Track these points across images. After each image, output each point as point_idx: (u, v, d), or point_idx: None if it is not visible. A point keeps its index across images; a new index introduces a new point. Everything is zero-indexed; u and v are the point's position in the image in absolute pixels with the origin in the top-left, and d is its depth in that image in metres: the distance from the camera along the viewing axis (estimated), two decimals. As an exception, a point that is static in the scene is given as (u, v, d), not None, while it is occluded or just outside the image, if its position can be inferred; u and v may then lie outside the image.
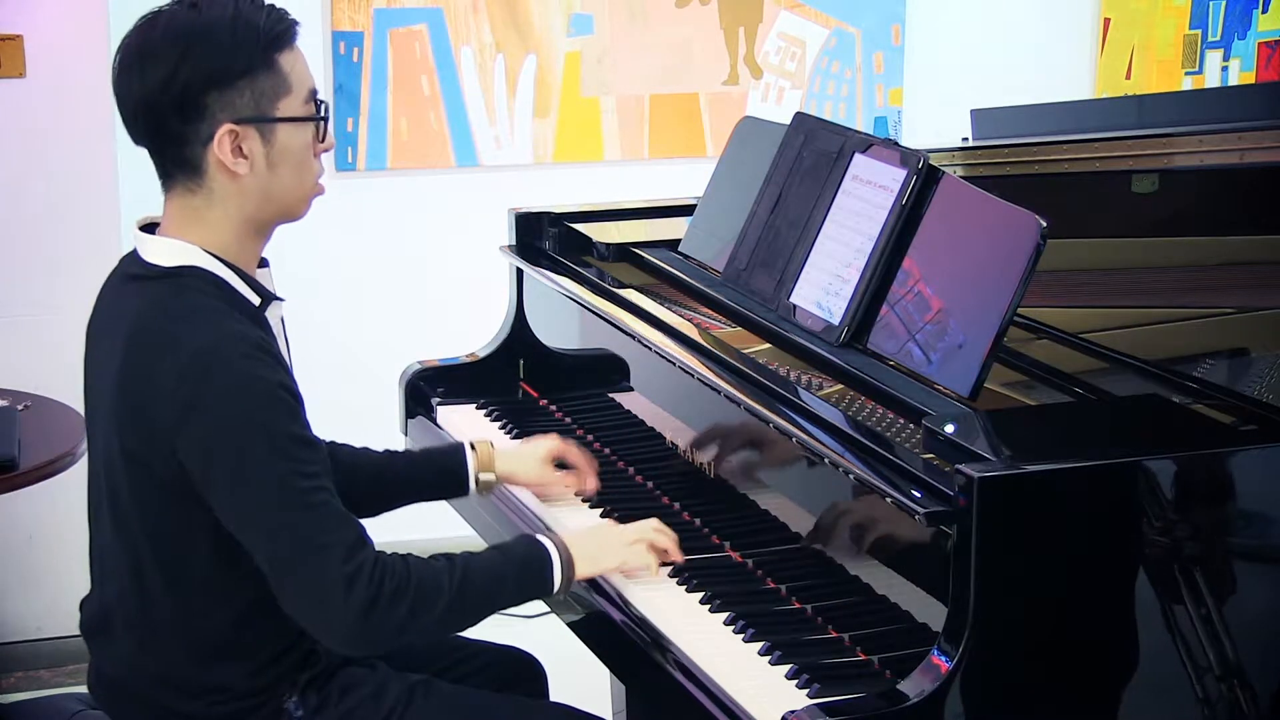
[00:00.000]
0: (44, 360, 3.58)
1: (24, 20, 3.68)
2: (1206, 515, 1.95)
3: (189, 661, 2.10)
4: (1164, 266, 2.82)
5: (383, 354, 3.60)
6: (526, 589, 2.17)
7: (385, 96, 4.17)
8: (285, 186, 2.09)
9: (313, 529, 1.98)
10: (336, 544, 1.99)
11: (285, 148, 2.07)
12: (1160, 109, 3.36)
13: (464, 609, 2.09)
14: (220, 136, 2.02)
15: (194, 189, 2.07)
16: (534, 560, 2.17)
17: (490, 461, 2.48)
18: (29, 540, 3.89)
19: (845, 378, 2.27)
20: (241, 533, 2.01)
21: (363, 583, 1.98)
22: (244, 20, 2.02)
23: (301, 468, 1.99)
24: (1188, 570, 1.93)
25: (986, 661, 1.82)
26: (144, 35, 2.04)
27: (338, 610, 1.99)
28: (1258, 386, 2.29)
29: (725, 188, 2.72)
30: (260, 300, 2.10)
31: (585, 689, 2.71)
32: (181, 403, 1.97)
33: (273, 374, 2.00)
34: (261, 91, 2.03)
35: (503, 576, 2.14)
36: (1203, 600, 1.94)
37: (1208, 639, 1.96)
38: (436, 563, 2.08)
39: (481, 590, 2.11)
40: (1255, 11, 4.94)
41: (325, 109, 2.11)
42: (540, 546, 2.18)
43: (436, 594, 2.05)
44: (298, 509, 1.98)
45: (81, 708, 2.26)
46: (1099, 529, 1.87)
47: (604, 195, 3.75)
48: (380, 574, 2.00)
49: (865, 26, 4.57)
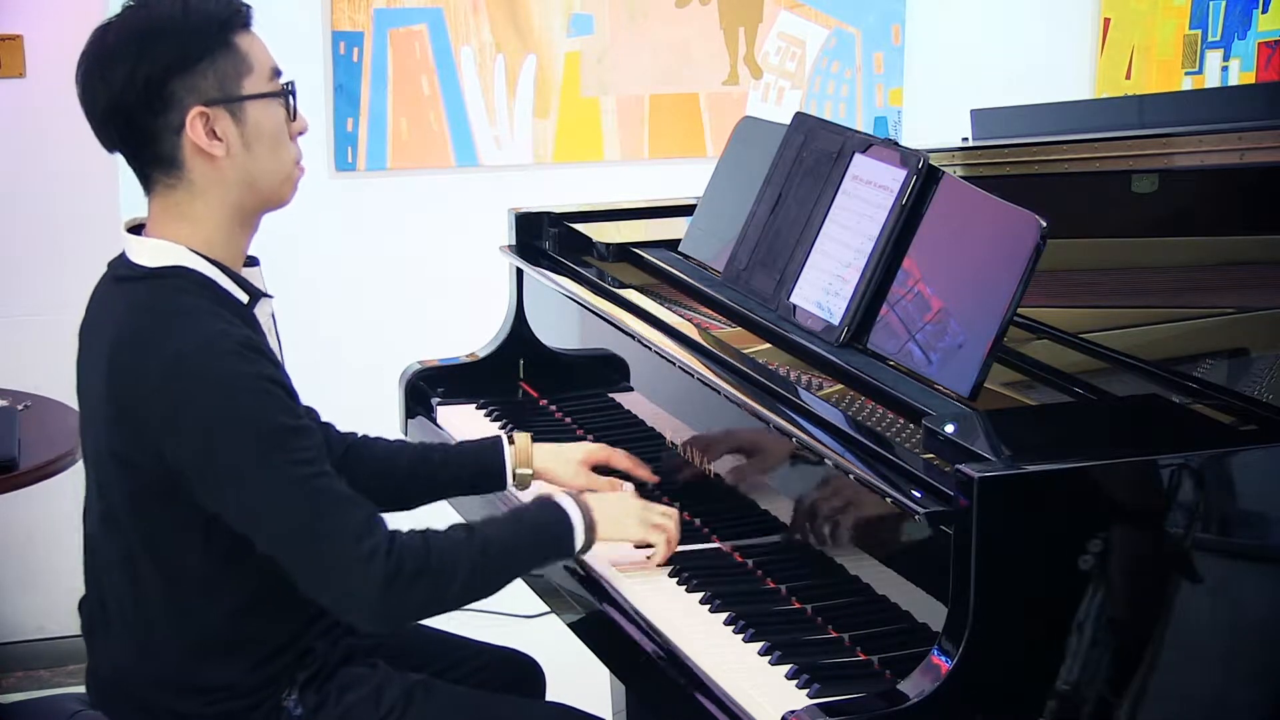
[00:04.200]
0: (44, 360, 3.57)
1: (24, 20, 3.69)
2: (1206, 515, 1.95)
3: (185, 660, 2.10)
4: (1164, 266, 2.82)
5: (383, 354, 3.60)
6: (548, 553, 2.18)
7: (385, 96, 4.16)
8: (264, 168, 2.09)
9: (316, 515, 1.98)
10: (343, 526, 1.99)
11: (258, 126, 2.07)
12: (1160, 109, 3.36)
13: (486, 578, 2.09)
14: (192, 120, 2.03)
15: (174, 184, 2.07)
16: (554, 525, 2.17)
17: (529, 457, 2.46)
18: (29, 540, 3.89)
19: (845, 378, 2.27)
20: (246, 528, 2.01)
21: (379, 562, 1.98)
22: (194, 7, 2.04)
23: (296, 455, 1.99)
24: (1187, 570, 1.93)
25: (986, 661, 1.82)
26: (100, 43, 2.06)
27: (358, 590, 1.99)
28: (1258, 386, 2.29)
29: (725, 188, 2.72)
30: (249, 298, 2.11)
31: (585, 689, 2.71)
32: (169, 404, 1.97)
33: (259, 368, 2.00)
34: (224, 72, 2.04)
35: (524, 543, 2.14)
36: (1203, 600, 1.94)
37: (1208, 639, 1.96)
38: (455, 534, 2.09)
39: (501, 559, 2.11)
40: (1255, 11, 4.94)
41: (291, 86, 2.12)
42: (560, 509, 2.18)
43: (457, 566, 2.05)
44: (298, 498, 1.98)
45: (81, 708, 2.26)
46: (1099, 529, 1.87)
47: (604, 195, 3.75)
48: (398, 553, 2.00)
49: (865, 26, 4.57)
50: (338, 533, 1.99)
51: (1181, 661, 1.94)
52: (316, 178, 4.03)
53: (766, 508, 2.28)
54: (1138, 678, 1.92)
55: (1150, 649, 1.92)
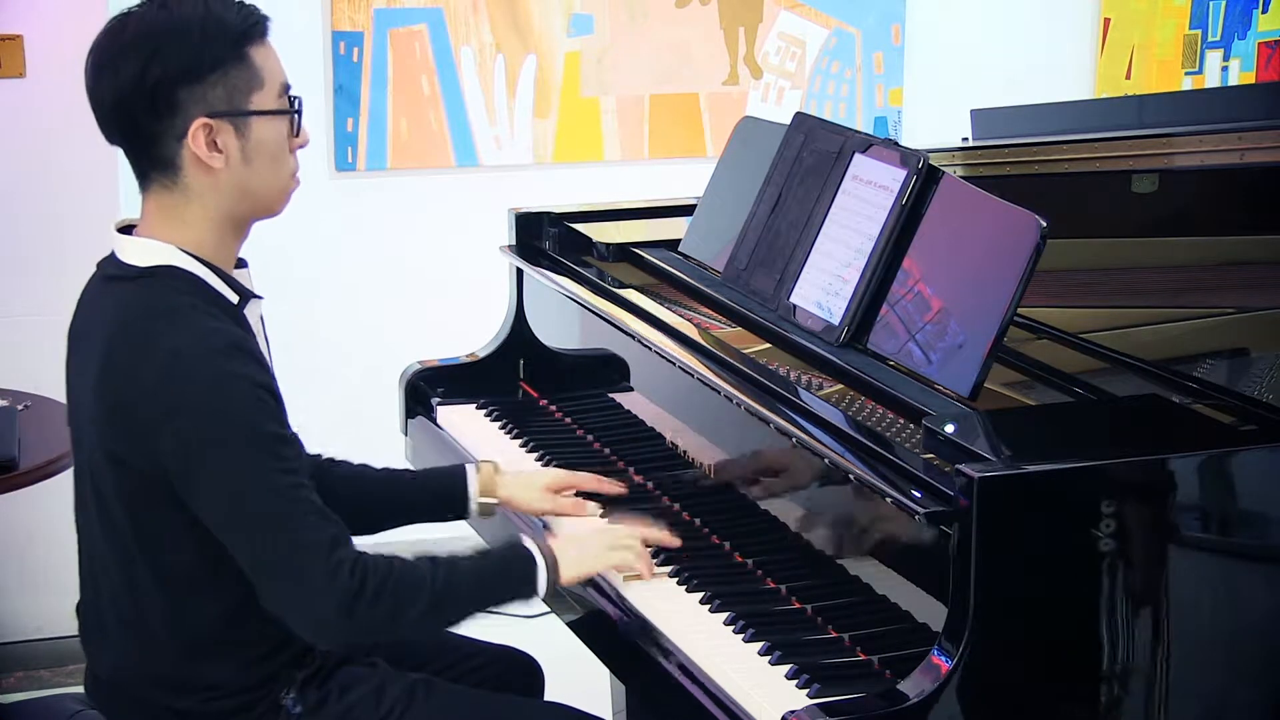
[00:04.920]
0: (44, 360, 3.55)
1: (24, 20, 3.69)
2: (1206, 515, 1.95)
3: (182, 659, 2.10)
4: (1164, 266, 2.81)
5: (383, 354, 3.60)
6: (512, 591, 2.17)
7: (385, 96, 4.16)
8: (261, 181, 2.09)
9: (293, 525, 1.99)
10: (316, 540, 2.00)
11: (260, 141, 2.07)
12: (1160, 109, 3.36)
13: (446, 609, 2.11)
14: (194, 130, 2.02)
15: (170, 187, 2.07)
16: (518, 564, 2.17)
17: (493, 486, 2.46)
18: (29, 540, 3.89)
19: (845, 378, 2.27)
20: (222, 531, 2.02)
21: (343, 578, 1.99)
22: (214, 16, 2.03)
23: (281, 464, 2.00)
24: (1187, 570, 1.93)
25: (986, 661, 1.82)
26: (114, 36, 2.04)
27: (319, 605, 2.00)
28: (1258, 386, 2.29)
29: (725, 188, 2.72)
30: (239, 298, 2.11)
31: (585, 689, 2.71)
32: (162, 403, 1.97)
33: (252, 372, 2.01)
34: (234, 85, 2.03)
35: (486, 581, 2.14)
36: (1203, 600, 1.94)
37: (1208, 639, 1.96)
38: (420, 564, 2.09)
39: (465, 592, 2.11)
40: (1255, 11, 4.94)
41: (298, 103, 2.12)
42: (525, 550, 2.18)
43: (418, 593, 2.05)
44: (278, 505, 1.99)
45: (81, 708, 2.26)
46: (1099, 529, 1.87)
47: (604, 195, 3.74)
48: (362, 571, 2.01)
49: (865, 26, 4.57)
50: (311, 544, 1.99)
51: (1181, 661, 1.94)
52: (316, 178, 4.04)
53: (766, 508, 2.28)
54: (1138, 677, 1.92)
55: (1150, 649, 1.92)
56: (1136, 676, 1.92)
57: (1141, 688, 1.93)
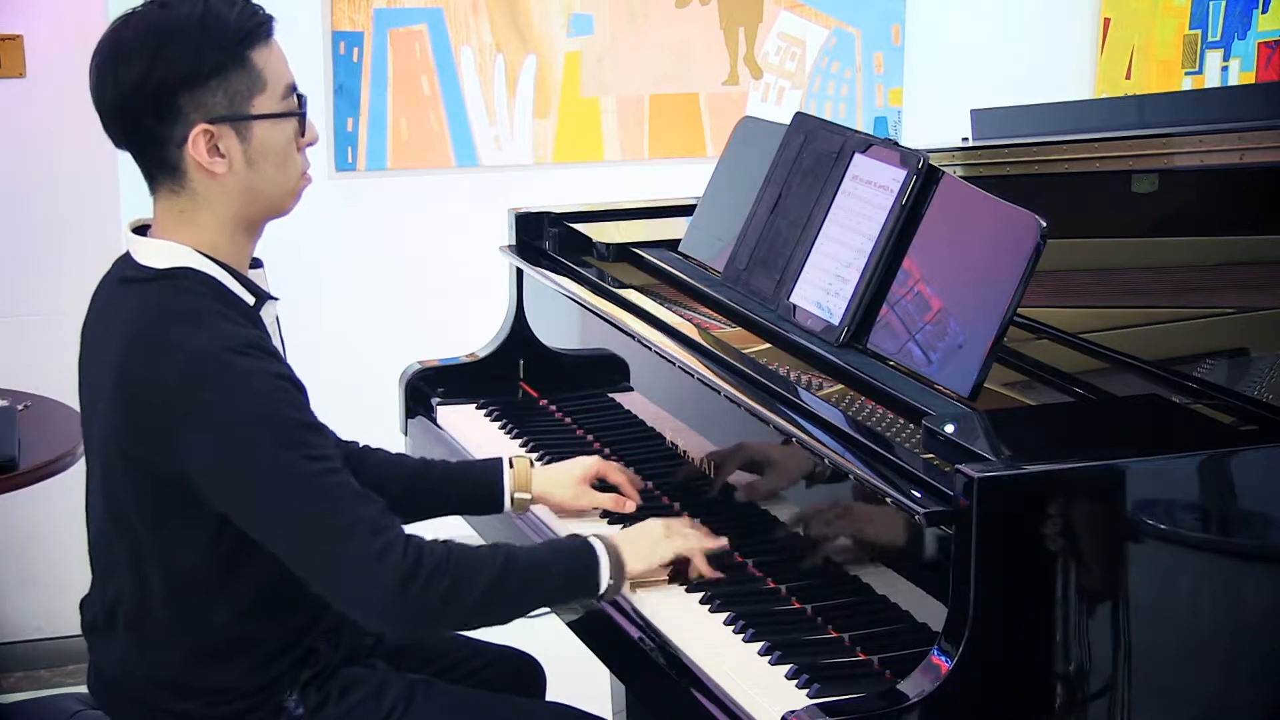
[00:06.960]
0: (44, 360, 3.58)
1: (24, 20, 3.69)
2: (1206, 515, 1.95)
3: (187, 661, 2.10)
4: (1164, 266, 2.81)
5: (383, 354, 3.61)
6: (573, 586, 2.15)
7: (385, 96, 4.17)
8: (268, 183, 2.08)
9: (331, 510, 1.97)
10: (359, 522, 1.98)
11: (264, 144, 2.06)
12: (1160, 109, 3.35)
13: (505, 594, 2.07)
14: (195, 137, 2.01)
15: (177, 190, 2.07)
16: (581, 557, 2.15)
17: (528, 481, 2.44)
18: (29, 540, 3.89)
19: (845, 378, 2.27)
20: (259, 529, 2.00)
21: (395, 557, 1.97)
22: (214, 17, 2.02)
23: (310, 451, 1.98)
24: (1187, 570, 1.93)
25: (986, 661, 1.82)
26: (116, 37, 2.04)
27: (373, 587, 1.98)
28: (1258, 386, 2.29)
29: (725, 188, 2.72)
30: (255, 299, 2.10)
31: (585, 689, 2.71)
32: (182, 405, 1.97)
33: (270, 366, 2.00)
34: (235, 90, 2.02)
35: (547, 569, 2.12)
36: (1203, 600, 1.94)
37: (1208, 639, 1.96)
38: (480, 547, 2.08)
39: (524, 579, 2.08)
40: (1255, 11, 4.94)
41: (304, 103, 2.11)
42: (588, 544, 2.16)
43: (477, 573, 2.03)
44: (313, 493, 1.97)
45: (81, 708, 2.26)
46: (1099, 529, 1.87)
47: (604, 195, 3.75)
48: (416, 550, 1.99)
49: (865, 26, 4.57)
50: (353, 528, 1.97)
51: (1181, 661, 1.94)
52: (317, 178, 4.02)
53: (766, 508, 2.28)
54: (1138, 677, 1.92)
55: (1150, 649, 1.92)
56: (1137, 676, 1.92)
57: (1141, 687, 1.93)
